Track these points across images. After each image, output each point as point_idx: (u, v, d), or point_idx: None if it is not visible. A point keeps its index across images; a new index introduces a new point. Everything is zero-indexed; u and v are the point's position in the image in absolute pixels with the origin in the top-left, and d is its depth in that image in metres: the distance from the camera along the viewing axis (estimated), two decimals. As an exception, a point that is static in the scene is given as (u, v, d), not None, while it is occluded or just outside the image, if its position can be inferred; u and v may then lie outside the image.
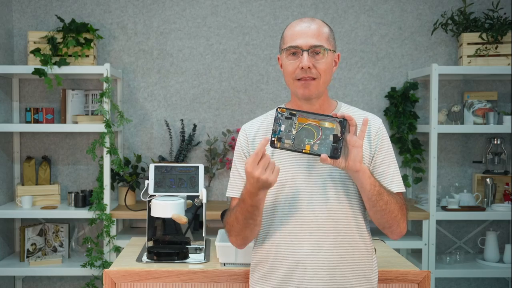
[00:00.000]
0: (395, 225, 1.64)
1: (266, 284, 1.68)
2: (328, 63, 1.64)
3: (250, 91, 3.69)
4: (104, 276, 2.02)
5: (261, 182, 1.49)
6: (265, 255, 1.69)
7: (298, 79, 1.63)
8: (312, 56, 1.62)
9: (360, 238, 1.65)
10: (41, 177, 3.52)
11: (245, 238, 1.68)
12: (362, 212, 1.67)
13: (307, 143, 1.51)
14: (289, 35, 1.66)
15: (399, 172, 1.71)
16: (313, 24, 1.65)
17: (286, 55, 1.65)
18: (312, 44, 1.61)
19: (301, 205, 1.63)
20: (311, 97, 1.65)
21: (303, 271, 1.61)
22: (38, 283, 3.69)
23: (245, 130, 1.78)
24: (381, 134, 1.70)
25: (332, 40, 1.67)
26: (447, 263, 3.43)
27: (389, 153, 1.70)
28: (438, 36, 3.69)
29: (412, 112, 3.60)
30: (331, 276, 1.61)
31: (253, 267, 1.76)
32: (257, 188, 1.52)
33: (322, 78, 1.63)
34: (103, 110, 3.27)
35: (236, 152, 1.77)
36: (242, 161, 1.74)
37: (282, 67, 1.70)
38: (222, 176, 3.67)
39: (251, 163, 1.49)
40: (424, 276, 2.02)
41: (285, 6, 3.68)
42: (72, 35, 3.35)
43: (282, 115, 1.52)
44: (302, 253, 1.62)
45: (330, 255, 1.61)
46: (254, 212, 1.59)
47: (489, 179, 3.54)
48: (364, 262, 1.66)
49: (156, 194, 2.24)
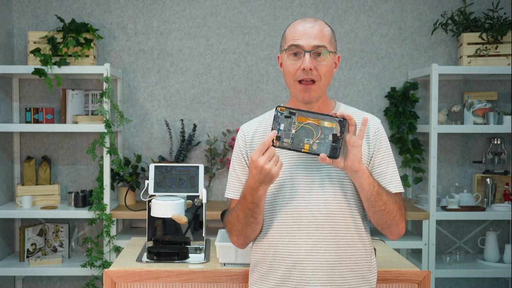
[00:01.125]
0: (394, 226, 1.64)
1: (264, 284, 1.68)
2: (329, 66, 1.64)
3: (250, 91, 3.69)
4: (104, 276, 2.02)
5: (264, 172, 1.50)
6: (264, 255, 1.69)
7: (299, 81, 1.62)
8: (313, 57, 1.61)
9: (358, 238, 1.65)
10: (41, 177, 3.52)
11: (246, 237, 1.68)
12: (361, 212, 1.67)
13: (306, 142, 1.51)
14: (291, 34, 1.64)
15: (397, 172, 1.71)
16: (316, 24, 1.64)
17: (288, 55, 1.64)
18: (315, 45, 1.61)
19: (299, 205, 1.62)
20: (311, 101, 1.65)
21: (301, 271, 1.61)
22: (38, 283, 3.69)
23: (243, 131, 1.78)
24: (380, 134, 1.70)
25: (334, 42, 1.67)
26: (447, 263, 3.42)
27: (387, 153, 1.70)
28: (438, 36, 3.69)
29: (412, 112, 3.60)
30: (330, 277, 1.61)
31: (252, 267, 1.76)
32: (259, 181, 1.52)
33: (322, 80, 1.63)
34: (103, 110, 3.27)
35: (234, 154, 1.77)
36: (240, 162, 1.74)
37: (282, 66, 1.69)
38: (222, 176, 3.67)
39: (257, 152, 1.50)
40: (424, 276, 2.02)
41: (285, 6, 3.68)
42: (72, 35, 3.35)
43: (282, 114, 1.52)
44: (301, 253, 1.61)
45: (329, 255, 1.61)
46: (254, 210, 1.59)
47: (489, 179, 3.54)
48: (362, 262, 1.66)
49: (156, 194, 2.24)
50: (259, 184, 1.53)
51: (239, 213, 1.63)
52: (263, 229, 1.69)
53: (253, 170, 1.52)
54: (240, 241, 1.71)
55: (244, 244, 1.73)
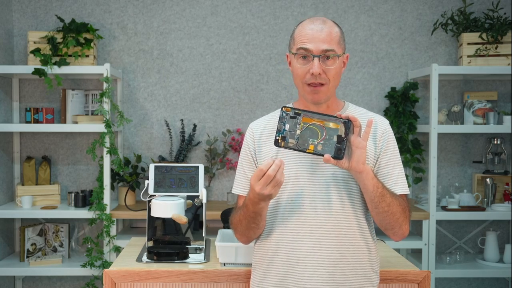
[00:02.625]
0: (397, 227, 1.64)
1: (266, 281, 1.69)
2: (338, 68, 1.65)
3: (250, 91, 3.69)
4: (104, 276, 2.02)
5: (261, 195, 1.53)
6: (266, 252, 1.70)
7: (308, 84, 1.64)
8: (322, 61, 1.62)
9: (361, 237, 1.66)
10: (41, 177, 3.52)
11: (249, 237, 1.73)
12: (365, 212, 1.67)
13: (311, 143, 1.52)
14: (299, 36, 1.64)
15: (404, 174, 1.70)
16: (325, 27, 1.63)
17: (296, 58, 1.65)
18: (324, 49, 1.61)
19: (303, 203, 1.64)
20: (320, 102, 1.67)
21: (303, 268, 1.62)
22: (38, 283, 3.69)
23: (251, 128, 1.80)
24: (387, 135, 1.70)
25: (342, 43, 1.67)
26: (447, 263, 3.43)
27: (394, 155, 1.70)
28: (438, 36, 3.69)
29: (412, 112, 3.60)
30: (331, 274, 1.62)
31: (254, 264, 1.77)
32: (258, 199, 1.56)
33: (331, 83, 1.64)
34: (103, 110, 3.27)
35: (243, 151, 1.79)
36: (248, 160, 1.76)
37: (290, 65, 1.70)
38: (222, 176, 3.67)
39: (254, 177, 1.52)
40: (424, 276, 2.02)
41: (285, 6, 3.68)
42: (72, 35, 3.35)
43: (287, 114, 1.53)
44: (303, 250, 1.63)
45: (331, 253, 1.62)
46: (256, 218, 1.63)
47: (489, 179, 3.54)
48: (365, 261, 1.66)
49: (156, 194, 2.24)
50: (258, 200, 1.56)
51: (241, 218, 1.67)
52: (266, 227, 1.71)
53: (252, 190, 1.54)
54: (243, 239, 1.75)
55: (248, 242, 1.77)
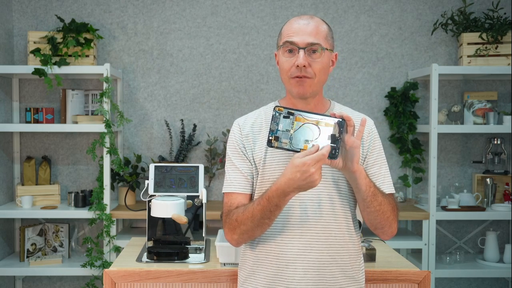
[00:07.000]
0: (387, 226, 1.64)
1: (255, 282, 1.66)
2: (324, 63, 1.62)
3: (250, 91, 3.69)
4: (104, 276, 2.02)
5: (310, 179, 1.44)
6: (256, 253, 1.67)
7: (293, 77, 1.61)
8: (308, 54, 1.59)
9: (349, 238, 1.65)
10: (41, 177, 3.52)
11: (250, 237, 1.62)
12: (352, 212, 1.67)
13: (305, 143, 1.49)
14: (287, 31, 1.64)
15: (389, 173, 1.71)
16: (311, 21, 1.62)
17: (283, 52, 1.63)
18: (309, 42, 1.59)
19: (293, 205, 1.61)
20: (305, 95, 1.62)
21: (293, 270, 1.61)
22: (38, 283, 3.69)
23: (239, 124, 1.73)
24: (373, 135, 1.71)
25: (330, 39, 1.65)
26: (447, 263, 3.42)
27: (380, 154, 1.70)
28: (438, 36, 3.69)
29: (412, 112, 3.60)
30: (321, 276, 1.61)
31: (241, 265, 1.74)
32: (296, 186, 1.46)
33: (317, 77, 1.61)
34: (103, 110, 3.27)
35: (231, 148, 1.71)
36: (239, 156, 1.69)
37: (278, 63, 1.68)
38: (222, 176, 3.67)
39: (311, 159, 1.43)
40: (424, 276, 2.02)
41: (285, 6, 3.68)
42: (72, 35, 3.35)
43: (280, 114, 1.50)
44: (293, 252, 1.61)
45: (320, 255, 1.61)
46: (275, 212, 1.54)
47: (489, 179, 3.54)
48: (352, 262, 1.66)
49: (156, 194, 2.24)
50: (294, 189, 1.47)
51: (256, 213, 1.55)
52: None
53: (297, 174, 1.45)
54: (240, 240, 1.64)
55: (241, 244, 1.67)
